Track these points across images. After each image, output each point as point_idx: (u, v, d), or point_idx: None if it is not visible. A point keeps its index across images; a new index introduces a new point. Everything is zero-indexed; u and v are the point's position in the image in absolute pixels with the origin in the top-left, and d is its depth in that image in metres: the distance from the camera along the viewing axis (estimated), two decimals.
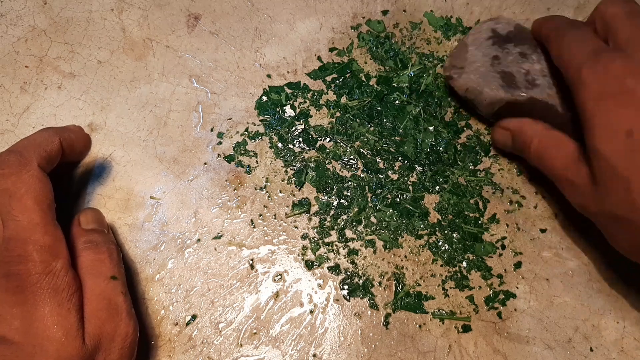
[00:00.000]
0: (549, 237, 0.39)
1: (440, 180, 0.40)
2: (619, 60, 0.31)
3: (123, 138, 0.41)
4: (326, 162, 0.41)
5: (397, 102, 0.43)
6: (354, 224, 0.39)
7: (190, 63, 0.44)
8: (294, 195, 0.40)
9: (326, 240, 0.39)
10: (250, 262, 0.38)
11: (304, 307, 0.37)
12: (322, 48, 0.44)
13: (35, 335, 0.27)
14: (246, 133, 0.41)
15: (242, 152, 0.41)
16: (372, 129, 0.42)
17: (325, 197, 0.40)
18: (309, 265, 0.38)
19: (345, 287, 0.37)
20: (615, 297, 0.37)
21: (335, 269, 0.38)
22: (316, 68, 0.44)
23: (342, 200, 0.40)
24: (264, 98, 0.43)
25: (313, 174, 0.40)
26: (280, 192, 0.40)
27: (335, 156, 0.41)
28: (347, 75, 0.43)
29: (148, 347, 0.35)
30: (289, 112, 0.42)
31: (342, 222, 0.39)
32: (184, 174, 0.40)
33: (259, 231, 0.39)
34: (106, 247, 0.33)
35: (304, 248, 0.38)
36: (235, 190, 0.40)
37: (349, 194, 0.40)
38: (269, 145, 0.41)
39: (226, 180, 0.40)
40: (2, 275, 0.28)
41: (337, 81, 0.43)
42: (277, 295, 0.37)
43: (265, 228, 0.39)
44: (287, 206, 0.39)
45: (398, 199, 0.40)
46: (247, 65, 0.44)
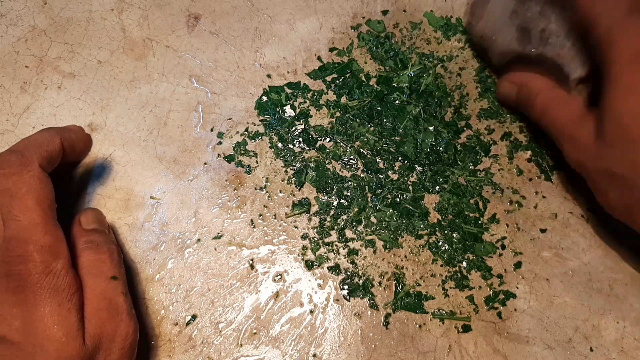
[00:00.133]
0: (549, 237, 0.39)
1: (440, 180, 0.40)
2: None
3: (123, 138, 0.41)
4: (326, 162, 0.41)
5: (397, 102, 0.43)
6: (354, 224, 0.39)
7: (190, 63, 0.44)
8: (294, 195, 0.40)
9: (326, 240, 0.39)
10: (250, 262, 0.38)
11: (304, 307, 0.37)
12: (322, 48, 0.44)
13: (36, 335, 0.27)
14: (246, 133, 0.41)
15: (242, 152, 0.41)
16: (372, 129, 0.42)
17: (325, 197, 0.40)
18: (309, 265, 0.38)
19: (345, 287, 0.37)
20: (615, 297, 0.37)
21: (335, 269, 0.38)
22: (316, 68, 0.44)
23: (342, 200, 0.40)
24: (264, 98, 0.43)
25: (313, 174, 0.40)
26: (280, 192, 0.40)
27: (335, 156, 0.41)
28: (347, 75, 0.43)
29: (148, 347, 0.35)
30: (289, 112, 0.42)
31: (342, 222, 0.39)
32: (184, 174, 0.40)
33: (259, 231, 0.39)
34: (107, 247, 0.33)
35: (304, 248, 0.38)
36: (235, 190, 0.40)
37: (349, 194, 0.40)
38: (269, 145, 0.41)
39: (226, 180, 0.40)
40: (3, 275, 0.28)
41: (337, 81, 0.43)
42: (277, 295, 0.37)
43: (265, 228, 0.39)
44: (287, 206, 0.39)
45: (398, 199, 0.40)
46: (247, 65, 0.44)
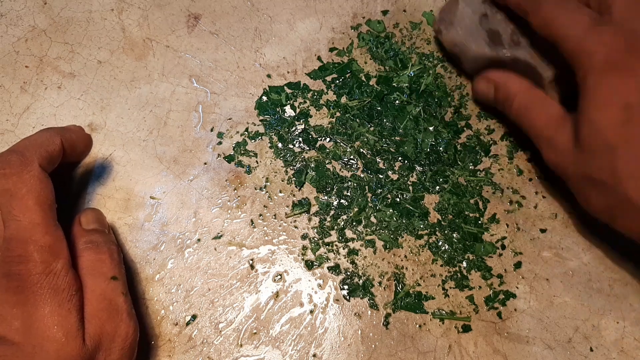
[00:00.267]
0: (549, 237, 0.39)
1: (440, 180, 0.40)
2: (621, 35, 0.31)
3: (123, 138, 0.41)
4: (326, 162, 0.41)
5: (397, 102, 0.43)
6: (354, 224, 0.39)
7: (190, 63, 0.44)
8: (294, 195, 0.40)
9: (326, 240, 0.39)
10: (250, 262, 0.38)
11: (304, 307, 0.37)
12: (322, 48, 0.44)
13: (36, 336, 0.27)
14: (246, 133, 0.41)
15: (242, 152, 0.41)
16: (372, 129, 0.42)
17: (325, 197, 0.40)
18: (309, 265, 0.38)
19: (345, 287, 0.37)
20: (615, 297, 0.37)
21: (335, 269, 0.38)
22: (316, 68, 0.44)
23: (342, 200, 0.40)
24: (264, 98, 0.43)
25: (313, 174, 0.40)
26: (280, 192, 0.40)
27: (335, 156, 0.41)
28: (347, 75, 0.43)
29: (148, 347, 0.35)
30: (289, 112, 0.42)
31: (342, 222, 0.39)
32: (184, 174, 0.40)
33: (259, 231, 0.39)
34: (107, 248, 0.33)
35: (304, 248, 0.38)
36: (235, 190, 0.40)
37: (349, 194, 0.40)
38: (269, 145, 0.41)
39: (226, 180, 0.40)
40: (3, 275, 0.28)
41: (337, 81, 0.43)
42: (277, 295, 0.37)
43: (265, 228, 0.39)
44: (287, 206, 0.39)
45: (398, 199, 0.40)
46: (247, 65, 0.44)
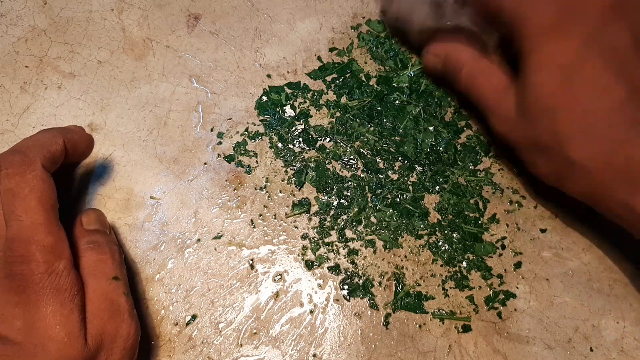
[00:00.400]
0: (549, 237, 0.39)
1: (440, 180, 0.40)
2: (556, 0, 0.32)
3: (123, 138, 0.41)
4: (326, 162, 0.41)
5: (397, 102, 0.43)
6: (354, 224, 0.39)
7: (190, 63, 0.44)
8: (294, 195, 0.40)
9: (326, 240, 0.39)
10: (250, 262, 0.38)
11: (304, 307, 0.37)
12: (322, 48, 0.44)
13: (38, 336, 0.27)
14: (246, 133, 0.41)
15: (242, 152, 0.41)
16: (372, 129, 0.42)
17: (325, 197, 0.40)
18: (309, 265, 0.38)
19: (345, 287, 0.37)
20: (615, 297, 0.37)
21: (335, 269, 0.38)
22: (316, 68, 0.44)
23: (342, 200, 0.40)
24: (264, 98, 0.43)
25: (313, 174, 0.40)
26: (280, 192, 0.40)
27: (335, 156, 0.41)
28: (347, 75, 0.43)
29: (148, 347, 0.35)
30: (289, 112, 0.42)
31: (342, 222, 0.39)
32: (184, 174, 0.40)
33: (259, 231, 0.39)
34: (108, 248, 0.33)
35: (304, 248, 0.38)
36: (235, 190, 0.40)
37: (349, 194, 0.40)
38: (269, 145, 0.41)
39: (226, 180, 0.40)
40: (5, 275, 0.28)
41: (337, 81, 0.43)
42: (277, 295, 0.37)
43: (265, 228, 0.39)
44: (287, 206, 0.39)
45: (398, 199, 0.40)
46: (247, 65, 0.44)
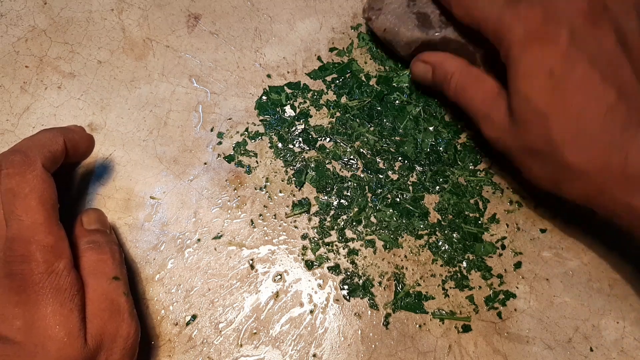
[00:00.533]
0: (549, 237, 0.39)
1: (440, 180, 0.40)
2: (537, 8, 0.32)
3: (123, 138, 0.41)
4: (326, 162, 0.41)
5: (397, 102, 0.43)
6: (354, 224, 0.39)
7: (190, 63, 0.44)
8: (294, 195, 0.40)
9: (326, 240, 0.39)
10: (250, 262, 0.38)
11: (304, 307, 0.37)
12: (322, 48, 0.44)
13: (37, 335, 0.27)
14: (246, 133, 0.41)
15: (242, 152, 0.41)
16: (372, 129, 0.42)
17: (325, 197, 0.40)
18: (309, 265, 0.38)
19: (345, 287, 0.37)
20: (615, 297, 0.37)
21: (335, 269, 0.38)
22: (316, 68, 0.44)
23: (342, 200, 0.40)
24: (264, 98, 0.43)
25: (313, 174, 0.40)
26: (280, 192, 0.40)
27: (335, 156, 0.41)
28: (347, 75, 0.43)
29: (148, 347, 0.35)
30: (289, 112, 0.42)
31: (342, 222, 0.39)
32: (184, 174, 0.40)
33: (259, 231, 0.39)
34: (109, 248, 0.33)
35: (304, 248, 0.38)
36: (235, 190, 0.40)
37: (349, 194, 0.40)
38: (269, 145, 0.41)
39: (226, 180, 0.40)
40: (5, 275, 0.28)
41: (337, 81, 0.43)
42: (277, 295, 0.37)
43: (265, 228, 0.39)
44: (287, 206, 0.39)
45: (398, 199, 0.40)
46: (247, 65, 0.44)
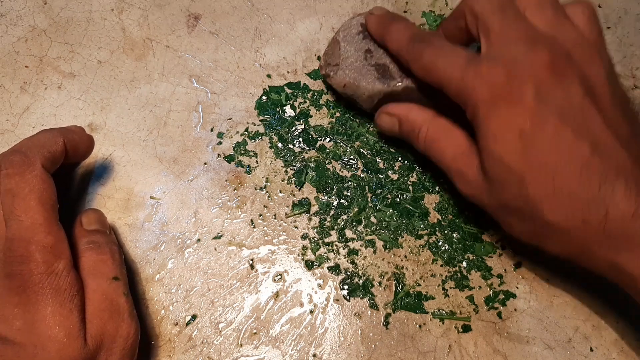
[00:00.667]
0: None
1: (441, 180, 0.40)
2: (499, 67, 0.30)
3: (123, 138, 0.41)
4: (326, 162, 0.41)
5: None
6: (354, 224, 0.39)
7: (190, 63, 0.44)
8: (294, 195, 0.40)
9: (326, 240, 0.39)
10: (250, 262, 0.38)
11: (304, 307, 0.37)
12: (322, 48, 0.44)
13: (37, 336, 0.27)
14: (246, 133, 0.41)
15: (242, 152, 0.41)
16: (372, 129, 0.42)
17: (325, 197, 0.40)
18: (309, 265, 0.38)
19: (345, 287, 0.37)
20: (615, 297, 0.37)
21: (335, 269, 0.38)
22: (316, 68, 0.44)
23: (342, 200, 0.40)
24: (264, 98, 0.43)
25: (313, 174, 0.40)
26: (280, 192, 0.40)
27: (335, 156, 0.41)
28: None
29: (148, 347, 0.35)
30: (289, 112, 0.42)
31: (342, 222, 0.39)
32: (184, 174, 0.40)
33: (259, 231, 0.39)
34: (108, 248, 0.33)
35: (304, 248, 0.38)
36: (235, 190, 0.40)
37: (349, 194, 0.40)
38: (269, 145, 0.41)
39: (226, 180, 0.40)
40: (5, 275, 0.28)
41: None
42: (277, 295, 0.37)
43: (265, 228, 0.39)
44: (287, 206, 0.39)
45: (398, 199, 0.40)
46: (247, 65, 0.44)
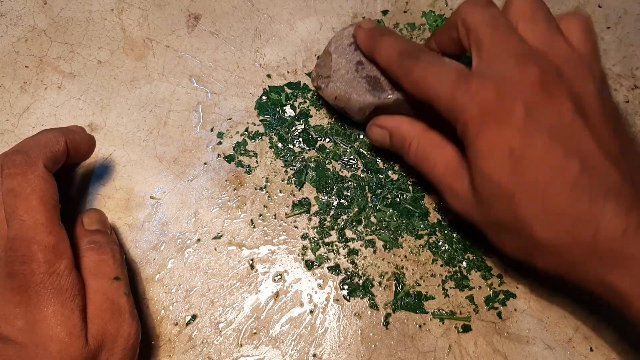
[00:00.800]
0: None
1: None
2: (489, 84, 0.30)
3: (123, 138, 0.41)
4: (326, 162, 0.41)
5: None
6: (354, 224, 0.39)
7: (190, 63, 0.44)
8: (294, 195, 0.40)
9: (326, 240, 0.39)
10: (250, 262, 0.38)
11: (304, 307, 0.37)
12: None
13: (39, 335, 0.27)
14: (246, 133, 0.41)
15: (242, 152, 0.41)
16: None
17: (325, 197, 0.40)
18: (309, 265, 0.38)
19: (345, 287, 0.37)
20: None
21: (335, 269, 0.38)
22: None
23: (342, 200, 0.40)
24: (264, 98, 0.43)
25: (313, 174, 0.40)
26: (280, 192, 0.40)
27: (335, 156, 0.41)
28: None
29: (148, 347, 0.35)
30: (289, 112, 0.42)
31: (342, 222, 0.39)
32: (184, 174, 0.40)
33: (259, 231, 0.39)
34: (109, 248, 0.33)
35: (304, 248, 0.38)
36: (235, 190, 0.40)
37: (349, 194, 0.40)
38: (269, 145, 0.41)
39: (226, 180, 0.40)
40: (6, 275, 0.28)
41: None
42: (277, 295, 0.37)
43: (265, 228, 0.39)
44: (287, 206, 0.39)
45: (398, 199, 0.40)
46: (247, 65, 0.44)
